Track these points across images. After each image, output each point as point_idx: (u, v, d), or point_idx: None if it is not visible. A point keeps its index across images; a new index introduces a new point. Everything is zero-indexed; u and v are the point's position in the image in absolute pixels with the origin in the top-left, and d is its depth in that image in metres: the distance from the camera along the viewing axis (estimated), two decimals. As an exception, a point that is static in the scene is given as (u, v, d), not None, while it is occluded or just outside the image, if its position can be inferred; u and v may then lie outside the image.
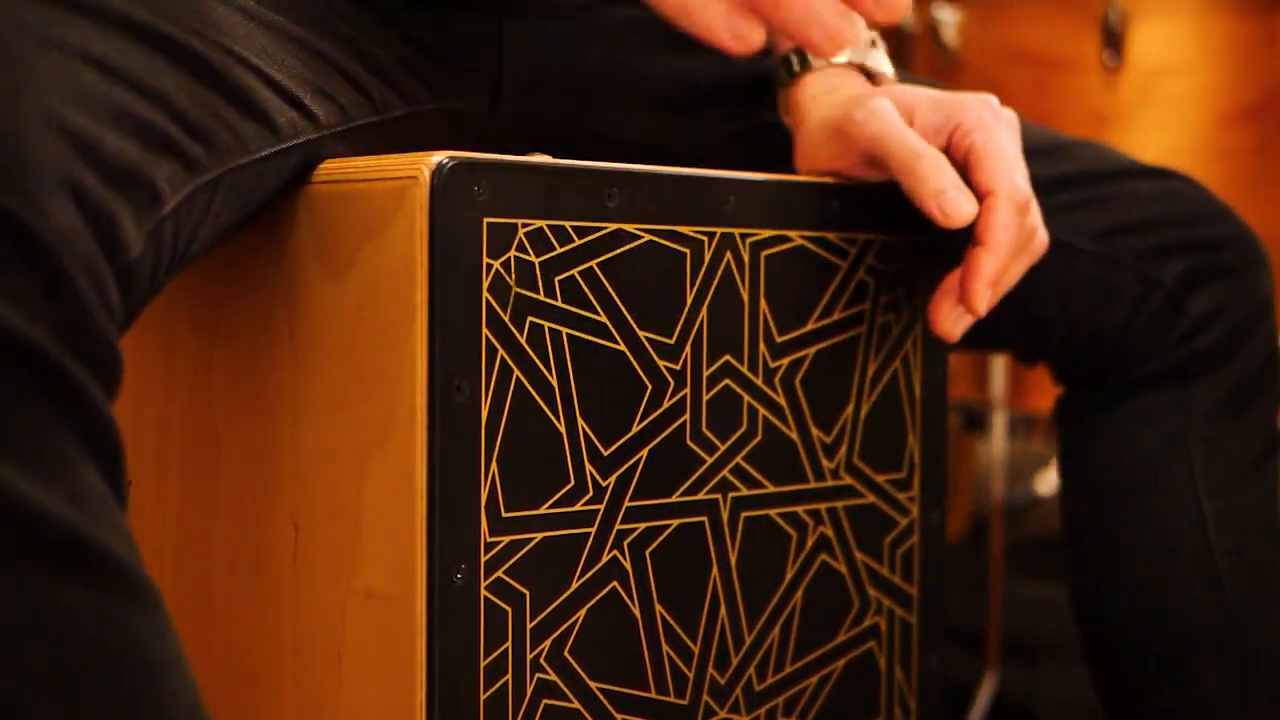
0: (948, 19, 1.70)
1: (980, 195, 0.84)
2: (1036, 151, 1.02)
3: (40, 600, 0.55)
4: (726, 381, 0.82)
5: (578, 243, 0.76)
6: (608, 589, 0.78)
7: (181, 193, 0.66)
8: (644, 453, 0.79)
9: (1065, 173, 1.02)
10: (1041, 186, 1.00)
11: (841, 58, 0.93)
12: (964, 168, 0.85)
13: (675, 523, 0.80)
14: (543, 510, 0.75)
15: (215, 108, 0.69)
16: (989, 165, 0.84)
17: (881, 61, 0.96)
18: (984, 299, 0.83)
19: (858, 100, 0.87)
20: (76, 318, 0.57)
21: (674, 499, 0.80)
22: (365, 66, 0.81)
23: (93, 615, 0.56)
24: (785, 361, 0.84)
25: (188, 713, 0.59)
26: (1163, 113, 1.61)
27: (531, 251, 0.74)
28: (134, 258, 0.62)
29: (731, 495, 0.82)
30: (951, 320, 0.84)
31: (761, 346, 0.83)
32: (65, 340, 0.57)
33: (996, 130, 0.85)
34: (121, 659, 0.57)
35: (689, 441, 0.81)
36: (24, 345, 0.55)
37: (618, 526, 0.78)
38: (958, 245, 0.87)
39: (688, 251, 0.79)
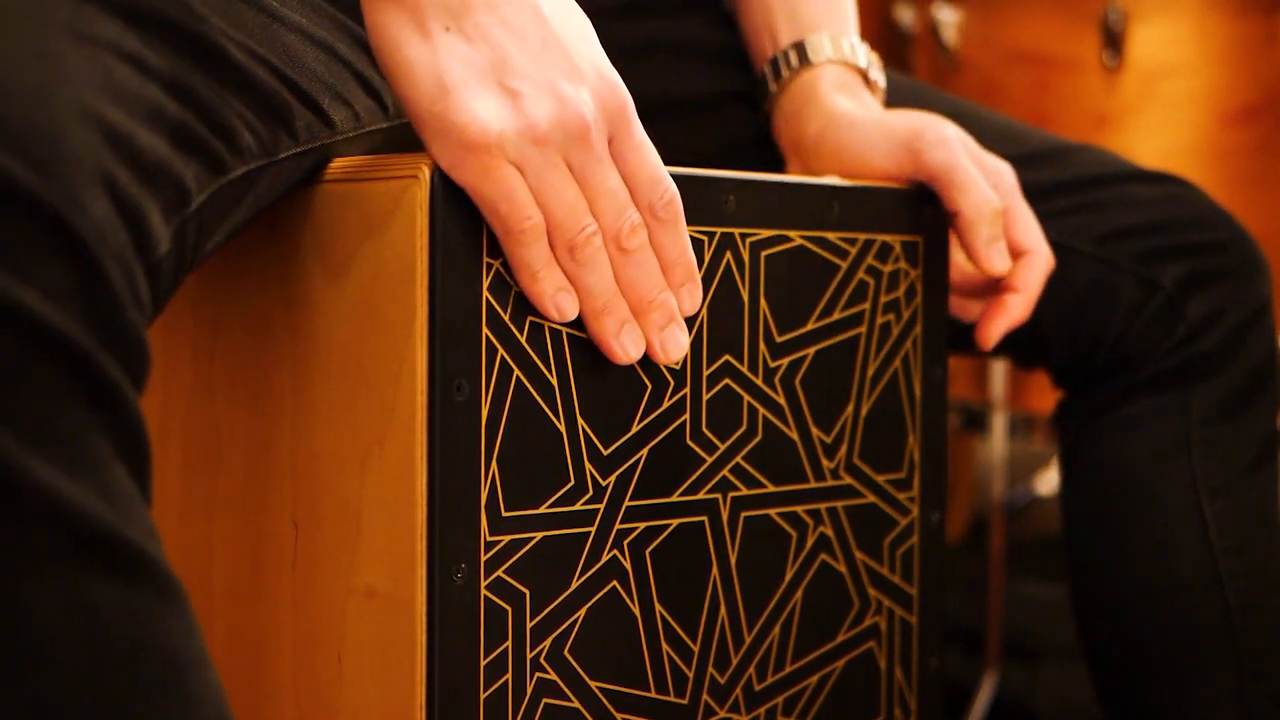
0: (948, 19, 1.70)
1: (1016, 250, 0.94)
2: (1035, 157, 1.03)
3: (74, 596, 0.55)
4: (726, 381, 0.82)
5: (578, 242, 0.76)
6: (608, 588, 0.78)
7: (206, 192, 0.66)
8: (644, 452, 0.79)
9: (1063, 178, 1.03)
10: (1040, 192, 1.01)
11: (858, 60, 0.97)
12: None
13: (675, 522, 0.80)
14: (543, 510, 0.75)
15: (239, 108, 0.70)
16: (1026, 227, 0.94)
17: (880, 78, 0.99)
18: (1000, 337, 0.95)
19: (925, 123, 0.93)
20: (111, 313, 0.57)
21: (674, 498, 0.80)
22: (379, 72, 0.81)
23: (125, 612, 0.57)
24: (785, 361, 0.84)
25: (214, 712, 0.60)
26: (1163, 113, 1.61)
27: (532, 251, 0.74)
28: (161, 255, 0.62)
29: (731, 495, 0.82)
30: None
31: (761, 346, 0.83)
32: (100, 336, 0.57)
33: (1022, 199, 0.95)
34: (152, 656, 0.57)
35: (689, 441, 0.81)
36: (61, 340, 0.56)
37: (618, 526, 0.78)
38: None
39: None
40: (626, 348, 0.75)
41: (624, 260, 0.74)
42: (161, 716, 0.58)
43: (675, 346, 0.77)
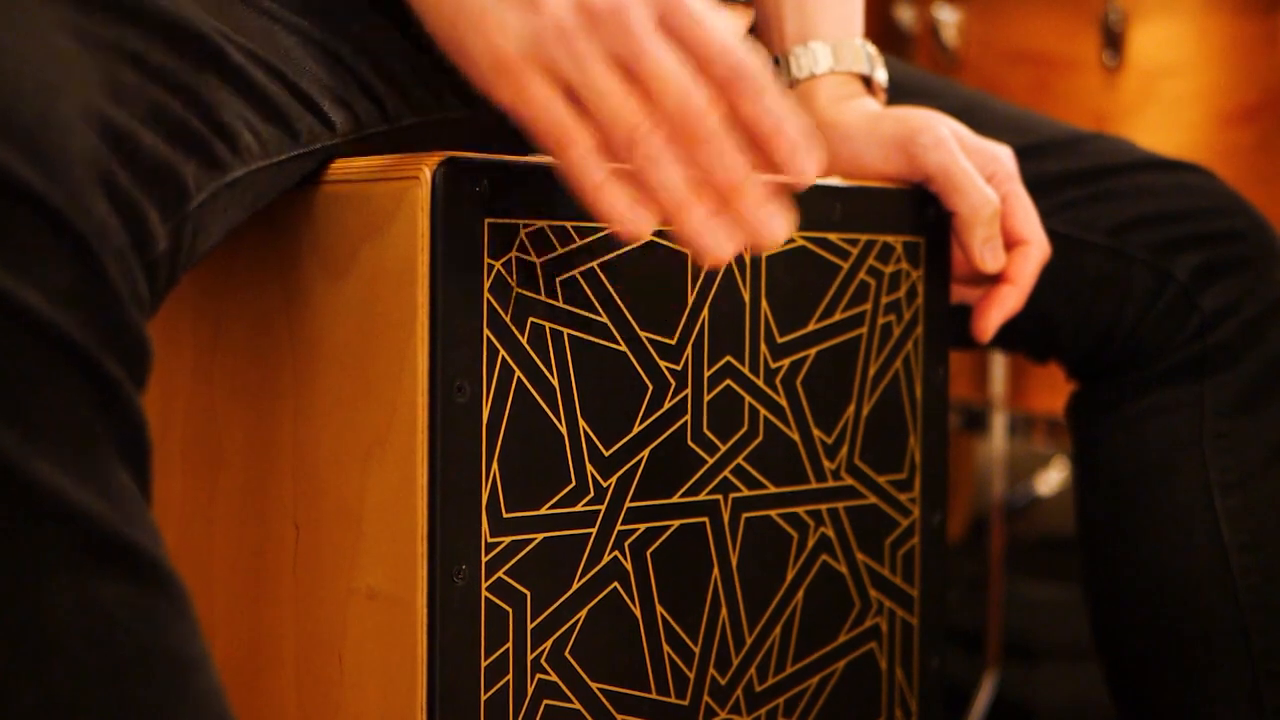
0: (948, 19, 1.70)
1: (1012, 240, 0.93)
2: (1047, 146, 1.03)
3: (84, 599, 0.56)
4: (728, 382, 0.82)
5: (579, 243, 0.76)
6: (609, 590, 0.78)
7: (205, 191, 0.67)
8: (645, 453, 0.79)
9: (1076, 168, 1.02)
10: (1051, 182, 1.00)
11: (860, 66, 0.96)
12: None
13: (676, 523, 0.80)
14: (544, 511, 0.75)
15: (239, 109, 0.70)
16: (1024, 216, 0.93)
17: (883, 76, 0.98)
18: (995, 329, 0.94)
19: (919, 124, 0.92)
20: (114, 313, 0.58)
21: (675, 500, 0.80)
22: (380, 75, 0.81)
23: (133, 614, 0.57)
24: (786, 362, 0.84)
25: (218, 713, 0.60)
26: (1163, 113, 1.61)
27: (533, 252, 0.74)
28: (160, 253, 0.62)
29: (732, 496, 0.82)
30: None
31: (763, 347, 0.83)
32: (103, 336, 0.57)
33: (1020, 184, 0.94)
34: (160, 657, 0.58)
35: (690, 442, 0.80)
36: (65, 340, 0.56)
37: (619, 527, 0.78)
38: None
39: (689, 252, 0.79)
40: (721, 242, 0.68)
41: (697, 147, 0.67)
42: (170, 718, 0.58)
43: (777, 226, 0.68)
